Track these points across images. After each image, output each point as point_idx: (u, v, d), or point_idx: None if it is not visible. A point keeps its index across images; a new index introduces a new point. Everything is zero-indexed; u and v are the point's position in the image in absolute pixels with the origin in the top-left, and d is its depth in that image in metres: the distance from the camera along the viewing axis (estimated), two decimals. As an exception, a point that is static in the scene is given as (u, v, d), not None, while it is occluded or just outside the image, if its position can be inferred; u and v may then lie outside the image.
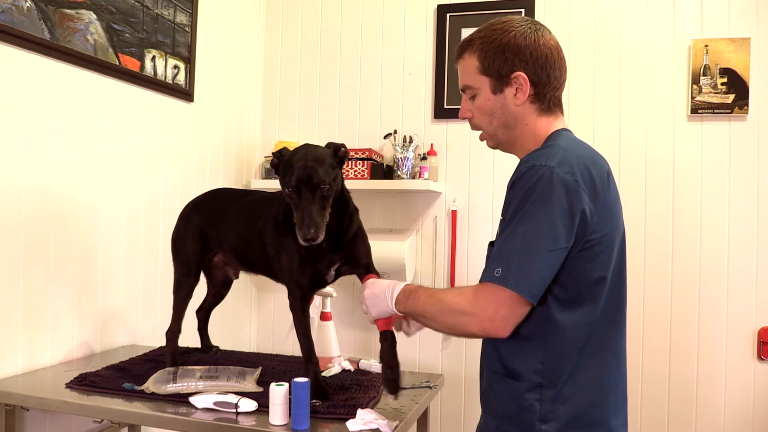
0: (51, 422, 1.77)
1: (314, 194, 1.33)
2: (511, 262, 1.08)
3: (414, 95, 2.77)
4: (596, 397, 1.16)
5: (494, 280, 1.09)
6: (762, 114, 2.40)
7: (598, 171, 1.16)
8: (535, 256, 1.08)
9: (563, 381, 1.14)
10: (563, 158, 1.11)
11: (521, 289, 1.07)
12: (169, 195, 2.30)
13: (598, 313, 1.15)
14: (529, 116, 1.24)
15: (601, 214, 1.13)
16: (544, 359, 1.14)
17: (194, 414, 1.37)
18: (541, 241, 1.07)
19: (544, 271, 1.09)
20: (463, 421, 2.67)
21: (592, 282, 1.14)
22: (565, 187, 1.08)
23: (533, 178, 1.10)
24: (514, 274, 1.07)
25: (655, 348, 2.46)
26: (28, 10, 1.68)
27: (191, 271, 1.75)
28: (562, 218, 1.07)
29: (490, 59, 1.23)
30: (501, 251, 1.11)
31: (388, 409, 1.44)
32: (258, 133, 2.97)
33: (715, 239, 2.43)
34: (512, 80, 1.21)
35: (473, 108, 1.30)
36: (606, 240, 1.14)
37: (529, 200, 1.09)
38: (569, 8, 2.56)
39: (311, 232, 1.30)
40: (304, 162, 1.33)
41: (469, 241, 2.69)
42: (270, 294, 2.94)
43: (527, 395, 1.15)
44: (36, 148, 1.75)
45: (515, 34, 1.21)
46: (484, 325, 1.10)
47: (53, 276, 1.81)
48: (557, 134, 1.22)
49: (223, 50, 2.66)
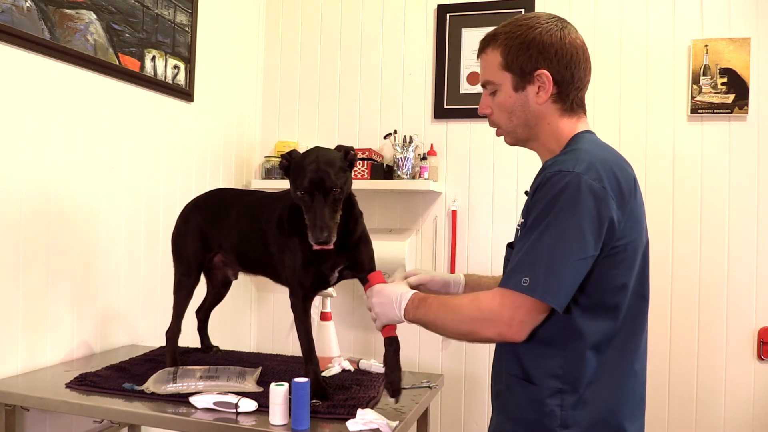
0: (51, 422, 1.77)
1: (327, 197, 1.33)
2: (539, 272, 1.06)
3: (414, 95, 2.77)
4: (615, 403, 1.15)
5: (522, 289, 1.07)
6: (762, 114, 2.40)
7: (625, 178, 1.14)
8: (565, 265, 1.06)
9: (584, 387, 1.12)
10: (590, 164, 1.09)
11: (549, 299, 1.06)
12: (169, 195, 2.30)
13: (619, 319, 1.13)
14: (551, 116, 1.21)
15: (627, 221, 1.11)
16: (564, 364, 1.13)
17: (194, 414, 1.37)
18: (569, 250, 1.06)
19: (573, 280, 1.07)
20: (463, 421, 2.67)
21: (614, 289, 1.12)
22: (593, 195, 1.06)
23: (560, 184, 1.07)
24: (542, 284, 1.06)
25: (655, 348, 2.46)
26: (28, 10, 1.68)
27: (191, 270, 1.75)
28: (590, 226, 1.06)
29: (513, 55, 1.19)
30: (527, 259, 1.08)
31: (388, 409, 1.44)
32: (258, 133, 2.97)
33: (715, 239, 2.43)
34: (535, 78, 1.18)
35: (493, 104, 1.26)
36: (630, 247, 1.12)
37: (556, 207, 1.07)
38: (569, 8, 2.56)
39: (324, 235, 1.31)
40: (317, 165, 1.33)
41: (469, 241, 2.69)
42: (270, 294, 2.94)
43: (548, 401, 1.13)
44: (36, 148, 1.75)
45: (541, 31, 1.18)
46: (500, 329, 1.09)
47: (53, 276, 1.81)
48: (581, 137, 1.20)
49: (223, 50, 2.66)
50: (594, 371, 1.12)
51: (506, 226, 2.62)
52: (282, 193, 1.61)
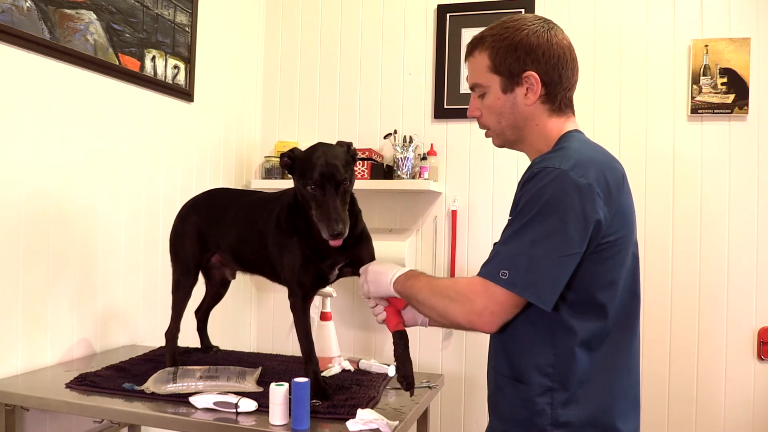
0: (51, 422, 1.77)
1: (337, 190, 1.35)
2: (519, 266, 1.06)
3: (414, 95, 2.77)
4: (607, 402, 1.15)
5: (501, 282, 1.07)
6: (762, 114, 2.40)
7: (613, 175, 1.14)
8: (547, 261, 1.06)
9: (575, 385, 1.12)
10: (577, 161, 1.09)
11: (530, 294, 1.06)
12: (169, 195, 2.30)
13: (609, 317, 1.13)
14: (539, 116, 1.22)
15: (615, 217, 1.11)
16: (554, 362, 1.13)
17: (194, 414, 1.37)
18: (553, 246, 1.06)
19: (557, 277, 1.07)
20: (463, 421, 2.67)
21: (603, 285, 1.12)
22: (579, 191, 1.06)
23: (545, 180, 1.08)
24: (522, 278, 1.06)
25: (655, 348, 2.46)
26: (28, 10, 1.68)
27: (190, 270, 1.75)
28: (575, 223, 1.06)
29: (501, 57, 1.20)
30: (507, 252, 1.09)
31: (388, 409, 1.44)
32: (258, 133, 2.97)
33: (715, 239, 2.43)
34: (523, 80, 1.19)
35: (482, 107, 1.26)
36: (618, 244, 1.12)
37: (540, 203, 1.07)
38: (569, 8, 2.56)
39: (340, 227, 1.32)
40: (326, 159, 1.35)
41: (469, 241, 2.69)
42: (270, 294, 2.94)
43: (538, 399, 1.13)
44: (36, 148, 1.75)
45: (528, 33, 1.18)
46: (471, 317, 1.11)
47: (53, 276, 1.81)
48: (569, 136, 1.20)
49: (223, 50, 2.66)
50: (585, 369, 1.12)
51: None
52: (280, 194, 1.62)
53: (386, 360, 2.02)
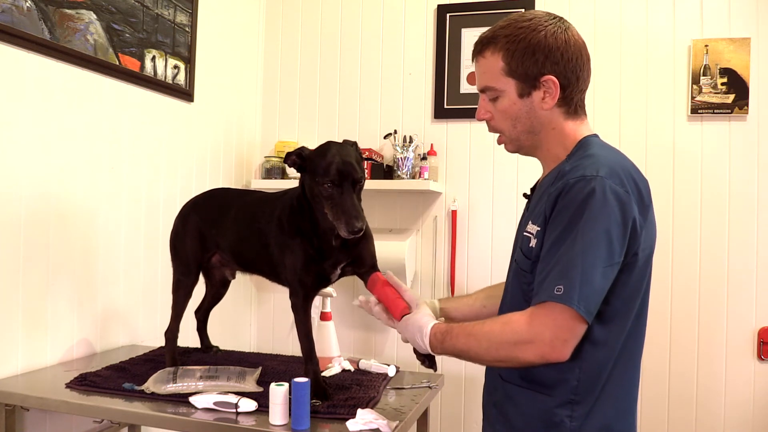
0: (51, 422, 1.77)
1: (354, 187, 1.36)
2: (574, 279, 1.00)
3: (414, 95, 2.77)
4: (621, 410, 1.13)
5: (556, 298, 1.01)
6: (762, 114, 2.40)
7: (643, 183, 1.11)
8: (596, 272, 1.01)
9: (596, 396, 1.09)
10: (611, 169, 1.06)
11: (582, 307, 1.00)
12: (169, 195, 2.30)
13: (629, 327, 1.11)
14: (555, 120, 1.17)
15: (647, 227, 1.09)
16: (581, 375, 1.09)
17: (194, 414, 1.37)
18: (600, 256, 1.01)
19: (603, 288, 1.03)
20: (463, 421, 2.67)
21: (628, 296, 1.10)
22: (618, 199, 1.03)
23: (586, 190, 1.03)
24: (577, 291, 1.00)
25: (655, 348, 2.46)
26: (28, 10, 1.68)
27: (190, 270, 1.75)
28: (617, 231, 1.03)
29: (518, 60, 1.13)
30: (559, 267, 1.03)
31: (388, 409, 1.44)
32: (258, 133, 2.97)
33: (715, 239, 2.43)
34: (541, 84, 1.14)
35: (494, 110, 1.20)
36: (645, 254, 1.10)
37: (585, 213, 1.02)
38: (569, 8, 2.57)
39: (359, 224, 1.32)
40: (341, 157, 1.36)
41: (469, 241, 2.69)
42: (270, 294, 2.94)
43: (558, 410, 1.09)
44: (36, 148, 1.75)
45: (545, 34, 1.13)
46: (542, 351, 1.03)
47: (53, 276, 1.81)
48: (590, 141, 1.16)
49: (223, 50, 2.66)
50: (606, 380, 1.10)
51: (506, 226, 2.62)
52: (281, 194, 1.62)
53: (386, 360, 2.03)
